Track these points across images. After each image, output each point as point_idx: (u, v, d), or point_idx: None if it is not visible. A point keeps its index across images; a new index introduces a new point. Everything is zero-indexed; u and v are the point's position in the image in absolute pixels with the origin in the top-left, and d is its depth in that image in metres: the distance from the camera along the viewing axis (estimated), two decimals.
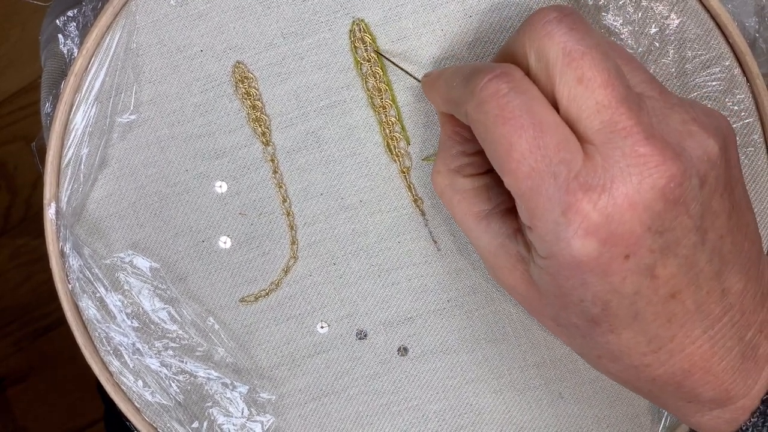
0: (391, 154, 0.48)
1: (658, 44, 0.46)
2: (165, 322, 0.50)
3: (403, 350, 0.51)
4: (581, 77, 0.35)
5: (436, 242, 0.49)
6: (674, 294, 0.36)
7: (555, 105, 0.36)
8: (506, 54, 0.39)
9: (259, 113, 0.48)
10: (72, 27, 0.50)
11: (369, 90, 0.48)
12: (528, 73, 0.37)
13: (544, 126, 0.35)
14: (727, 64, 0.46)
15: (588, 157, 0.35)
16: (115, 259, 0.50)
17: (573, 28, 0.36)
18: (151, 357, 0.50)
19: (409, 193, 0.49)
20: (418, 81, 0.47)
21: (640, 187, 0.34)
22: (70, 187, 0.49)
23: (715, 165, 0.36)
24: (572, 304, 0.37)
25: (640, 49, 0.46)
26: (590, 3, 0.45)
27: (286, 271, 0.50)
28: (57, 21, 0.50)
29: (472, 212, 0.41)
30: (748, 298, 0.38)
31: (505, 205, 0.41)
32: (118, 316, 0.50)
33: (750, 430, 0.39)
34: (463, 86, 0.38)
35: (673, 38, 0.46)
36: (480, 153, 0.41)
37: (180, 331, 0.50)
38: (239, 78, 0.48)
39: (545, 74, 0.36)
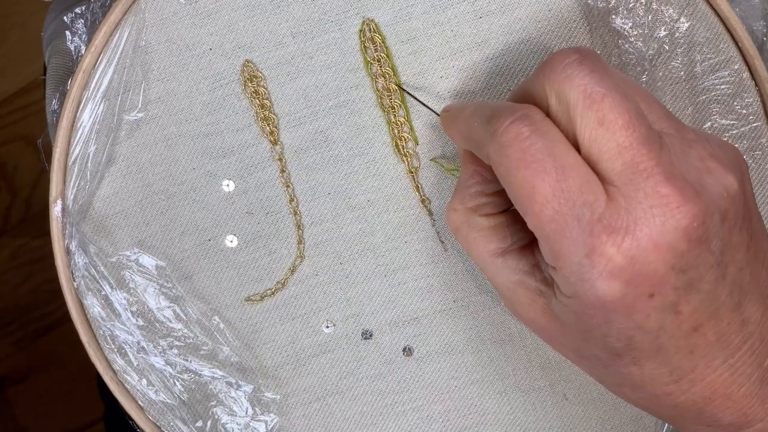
0: (399, 154, 0.48)
1: (667, 47, 0.46)
2: (170, 321, 0.50)
3: (409, 350, 0.51)
4: (602, 119, 0.35)
5: (443, 242, 0.49)
6: (696, 327, 0.37)
7: (576, 146, 0.36)
8: (525, 94, 0.39)
9: (267, 112, 0.48)
10: (80, 24, 0.50)
11: (378, 90, 0.48)
12: (548, 114, 0.37)
13: (567, 169, 0.35)
14: (735, 67, 0.46)
15: (610, 199, 0.35)
16: (121, 257, 0.50)
17: (593, 70, 0.36)
18: (155, 355, 0.50)
19: (417, 194, 0.49)
20: (437, 114, 0.47)
21: (663, 228, 0.35)
22: (76, 185, 0.48)
23: (734, 200, 0.37)
24: (595, 338, 0.38)
25: (650, 52, 0.46)
26: (600, 5, 0.46)
27: (292, 271, 0.50)
28: (64, 17, 0.50)
29: (489, 250, 0.41)
30: (767, 326, 0.38)
31: (521, 242, 0.41)
32: (123, 314, 0.50)
33: None
34: (484, 128, 0.38)
35: (682, 41, 0.46)
36: (498, 193, 0.41)
37: (185, 330, 0.50)
38: (248, 77, 0.48)
39: (566, 116, 0.36)
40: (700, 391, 0.38)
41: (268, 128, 0.49)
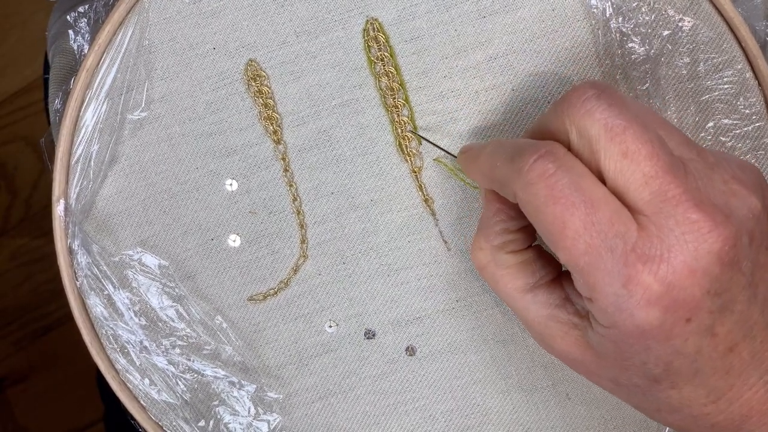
0: (403, 153, 0.49)
1: (670, 47, 0.46)
2: (173, 320, 0.50)
3: (411, 350, 0.51)
4: (626, 151, 0.36)
5: (446, 242, 0.49)
6: (732, 348, 0.37)
7: (600, 178, 0.37)
8: (543, 130, 0.39)
9: (270, 111, 0.48)
10: (83, 23, 0.50)
11: (382, 89, 0.48)
12: (569, 148, 0.38)
13: (595, 201, 0.36)
14: (739, 67, 0.46)
15: (641, 228, 0.36)
16: (124, 256, 0.50)
17: (611, 103, 0.36)
18: (158, 355, 0.50)
19: (420, 193, 0.49)
20: (454, 156, 0.47)
21: (697, 253, 0.35)
22: (79, 184, 0.48)
23: (759, 220, 0.37)
24: (634, 366, 0.38)
25: (653, 51, 0.46)
26: (603, 5, 0.46)
27: (295, 270, 0.50)
28: (67, 17, 0.50)
29: (517, 286, 0.42)
30: None
31: (549, 276, 0.41)
32: (125, 313, 0.50)
33: None
34: (508, 167, 0.38)
35: (685, 41, 0.46)
36: (523, 230, 0.42)
37: (188, 330, 0.50)
38: (251, 76, 0.48)
39: (588, 150, 0.37)
40: (737, 410, 0.38)
41: (271, 127, 0.49)
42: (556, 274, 0.41)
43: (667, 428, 0.50)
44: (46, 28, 0.60)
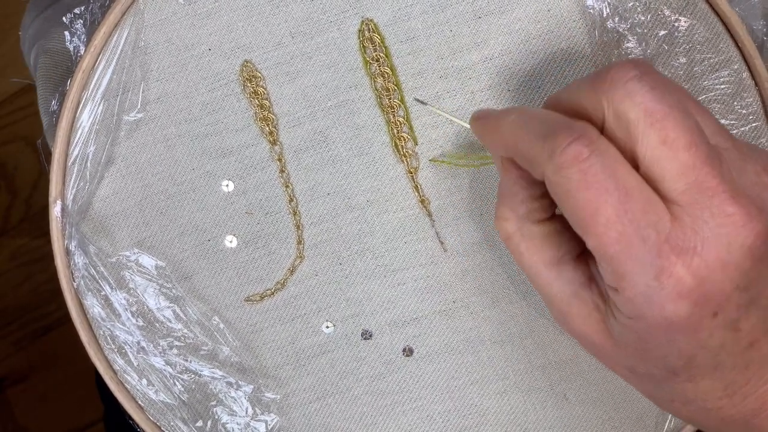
0: (399, 154, 0.48)
1: (666, 47, 0.46)
2: (170, 321, 0.50)
3: (408, 351, 0.51)
4: (665, 139, 0.35)
5: (442, 243, 0.49)
6: (752, 343, 0.37)
7: (633, 164, 0.36)
8: (575, 103, 0.38)
9: (266, 112, 0.48)
10: (79, 24, 0.50)
11: (377, 90, 0.48)
12: (602, 129, 0.37)
13: (629, 189, 0.35)
14: (735, 67, 0.46)
15: (675, 218, 0.35)
16: (121, 257, 0.50)
17: (653, 86, 0.35)
18: (155, 355, 0.50)
19: (416, 194, 0.49)
20: (465, 126, 0.46)
21: (730, 247, 0.34)
22: (76, 185, 0.48)
23: None
24: (655, 358, 0.37)
25: (649, 51, 0.46)
26: (599, 5, 0.46)
27: (291, 271, 0.50)
28: (63, 18, 0.50)
29: (543, 259, 0.40)
30: None
31: (576, 251, 0.40)
32: (123, 314, 0.50)
33: None
34: (538, 145, 0.37)
35: (682, 41, 0.46)
36: (545, 195, 0.40)
37: (185, 330, 0.50)
38: (247, 77, 0.48)
39: (625, 134, 0.36)
40: (750, 404, 0.38)
41: (267, 128, 0.49)
42: (582, 250, 0.40)
43: (667, 424, 0.50)
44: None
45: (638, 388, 0.41)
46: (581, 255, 0.40)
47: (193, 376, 0.50)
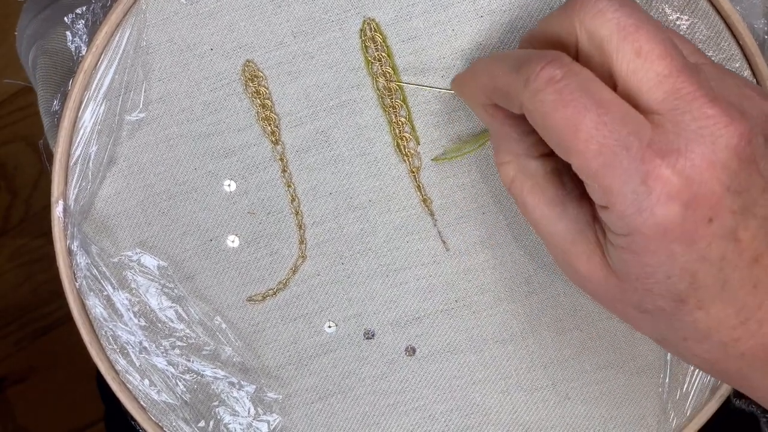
0: (401, 153, 0.48)
1: None
2: (172, 321, 0.50)
3: (411, 350, 0.51)
4: (639, 50, 0.35)
5: (444, 242, 0.49)
6: (757, 258, 0.36)
7: (610, 85, 0.36)
8: (548, 33, 0.39)
9: (268, 112, 0.48)
10: (80, 24, 0.50)
11: (379, 89, 0.48)
12: (577, 55, 0.37)
13: (606, 102, 0.35)
14: (736, 65, 0.46)
15: (656, 125, 0.35)
16: (123, 257, 0.50)
17: (623, 3, 0.36)
18: (157, 356, 0.50)
19: (418, 193, 0.49)
20: (445, 90, 0.46)
21: (714, 146, 0.35)
22: (78, 185, 0.48)
23: None
24: (658, 283, 0.37)
25: None
26: None
27: (294, 271, 0.50)
28: (65, 18, 0.50)
29: (546, 198, 0.41)
30: None
31: (578, 190, 0.40)
32: (125, 314, 0.50)
33: None
34: (512, 77, 0.38)
35: None
36: None
37: (187, 330, 0.50)
38: (249, 76, 0.48)
39: (599, 52, 0.36)
40: None
41: (269, 128, 0.49)
42: (584, 190, 0.40)
43: (669, 423, 0.50)
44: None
45: (651, 334, 0.41)
46: (585, 193, 0.40)
47: (195, 376, 0.50)
